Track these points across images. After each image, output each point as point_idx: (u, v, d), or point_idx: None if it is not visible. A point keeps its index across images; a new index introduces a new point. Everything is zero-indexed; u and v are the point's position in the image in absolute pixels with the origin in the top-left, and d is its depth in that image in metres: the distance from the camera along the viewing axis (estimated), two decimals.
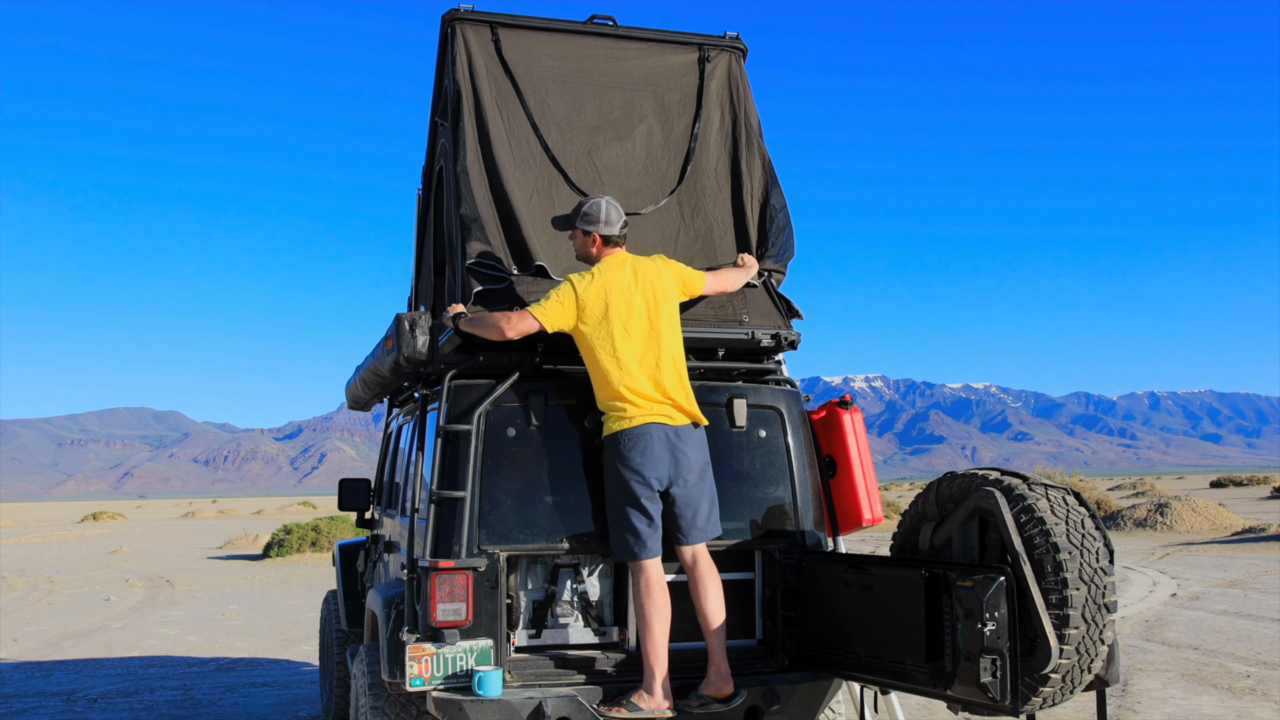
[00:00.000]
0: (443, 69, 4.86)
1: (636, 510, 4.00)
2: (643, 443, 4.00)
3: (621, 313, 4.07)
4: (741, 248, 4.69)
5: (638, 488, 4.00)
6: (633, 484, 3.99)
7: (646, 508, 4.00)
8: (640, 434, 4.01)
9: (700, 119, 4.82)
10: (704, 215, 4.73)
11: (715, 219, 4.73)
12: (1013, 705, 3.42)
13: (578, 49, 4.77)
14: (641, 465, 3.99)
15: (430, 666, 3.85)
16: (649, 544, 4.01)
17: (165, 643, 11.07)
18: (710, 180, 4.77)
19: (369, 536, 6.13)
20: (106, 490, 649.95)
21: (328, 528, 22.49)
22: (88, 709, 7.71)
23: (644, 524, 4.00)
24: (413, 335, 4.29)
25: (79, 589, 16.93)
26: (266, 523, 38.75)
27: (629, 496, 4.00)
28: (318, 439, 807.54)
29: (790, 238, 4.76)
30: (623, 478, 4.00)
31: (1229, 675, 7.89)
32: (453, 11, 4.66)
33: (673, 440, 4.06)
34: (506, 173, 4.49)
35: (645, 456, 4.00)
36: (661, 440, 4.04)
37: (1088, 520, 3.68)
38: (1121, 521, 23.53)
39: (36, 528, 42.95)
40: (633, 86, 4.79)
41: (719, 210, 4.76)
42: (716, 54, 4.94)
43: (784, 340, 4.54)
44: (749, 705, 4.02)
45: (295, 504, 73.98)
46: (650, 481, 4.01)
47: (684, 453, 4.08)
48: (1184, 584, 13.68)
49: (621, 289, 4.10)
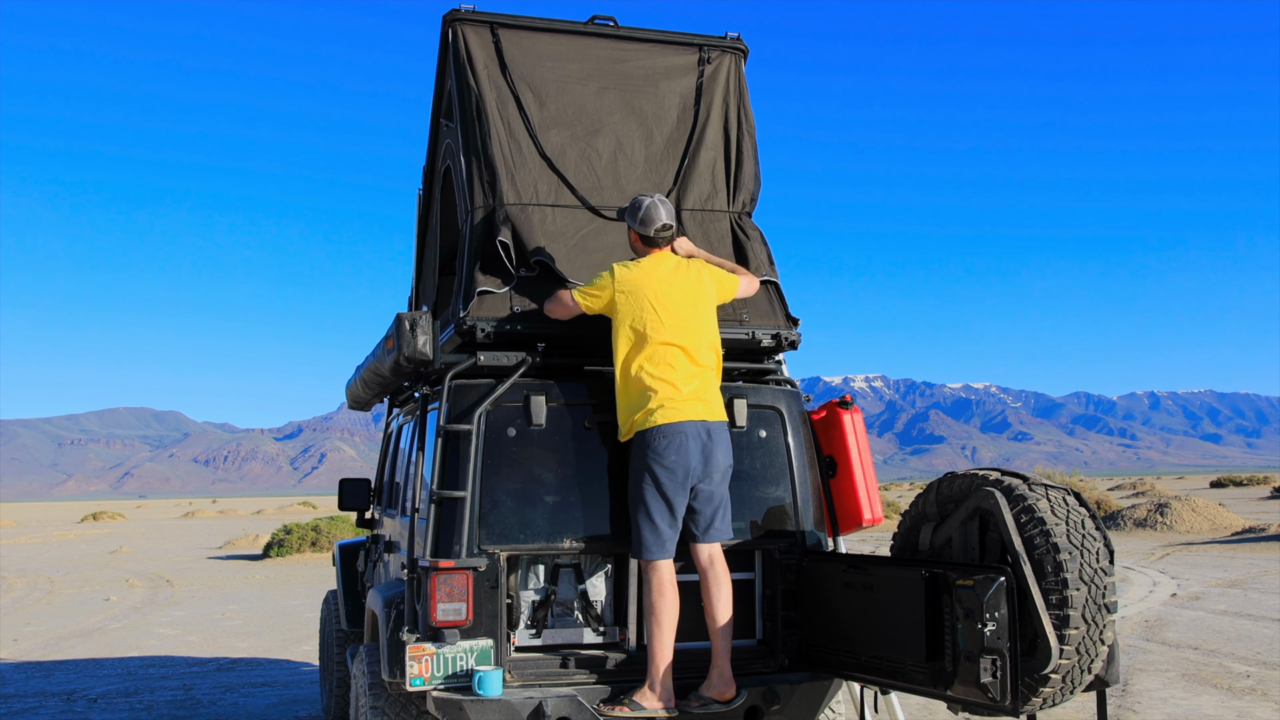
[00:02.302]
0: (444, 70, 4.86)
1: (666, 508, 3.99)
2: (679, 439, 4.00)
3: (661, 307, 4.09)
4: (737, 252, 4.69)
5: (670, 485, 3.99)
6: (665, 481, 3.98)
7: (675, 506, 4.01)
8: (677, 430, 4.01)
9: (700, 121, 4.81)
10: (700, 219, 4.72)
11: (713, 224, 4.72)
12: (1013, 705, 3.42)
13: (578, 50, 4.76)
14: (676, 463, 3.99)
15: (430, 666, 3.85)
16: (669, 543, 4.01)
17: (165, 643, 11.07)
18: (707, 184, 4.77)
19: (369, 536, 6.13)
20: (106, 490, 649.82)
21: (328, 528, 22.48)
22: (88, 709, 7.71)
23: (669, 523, 4.00)
24: (413, 335, 4.28)
25: (79, 589, 16.93)
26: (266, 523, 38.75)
27: (660, 494, 3.99)
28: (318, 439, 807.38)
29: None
30: (655, 474, 3.99)
31: (1229, 675, 7.89)
32: (453, 12, 4.65)
33: (704, 438, 4.07)
34: (506, 173, 4.49)
35: (681, 454, 4.00)
36: (696, 437, 4.04)
37: (1088, 520, 3.67)
38: (1121, 521, 23.53)
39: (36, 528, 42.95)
40: (633, 88, 4.78)
41: (716, 215, 4.74)
42: (717, 55, 4.92)
43: (784, 340, 4.55)
44: (749, 705, 4.02)
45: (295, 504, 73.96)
46: (682, 479, 4.01)
47: (713, 452, 4.09)
48: (1184, 584, 13.68)
49: (662, 285, 4.13)
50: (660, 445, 3.99)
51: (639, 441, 4.05)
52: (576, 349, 4.35)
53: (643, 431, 4.03)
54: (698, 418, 4.06)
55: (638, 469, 4.05)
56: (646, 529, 3.99)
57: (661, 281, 4.14)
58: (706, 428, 4.09)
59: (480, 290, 4.27)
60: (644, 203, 4.22)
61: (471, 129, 4.55)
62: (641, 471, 4.03)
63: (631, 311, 4.08)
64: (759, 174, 4.87)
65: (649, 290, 4.10)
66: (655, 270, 4.17)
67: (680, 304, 4.14)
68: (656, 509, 3.99)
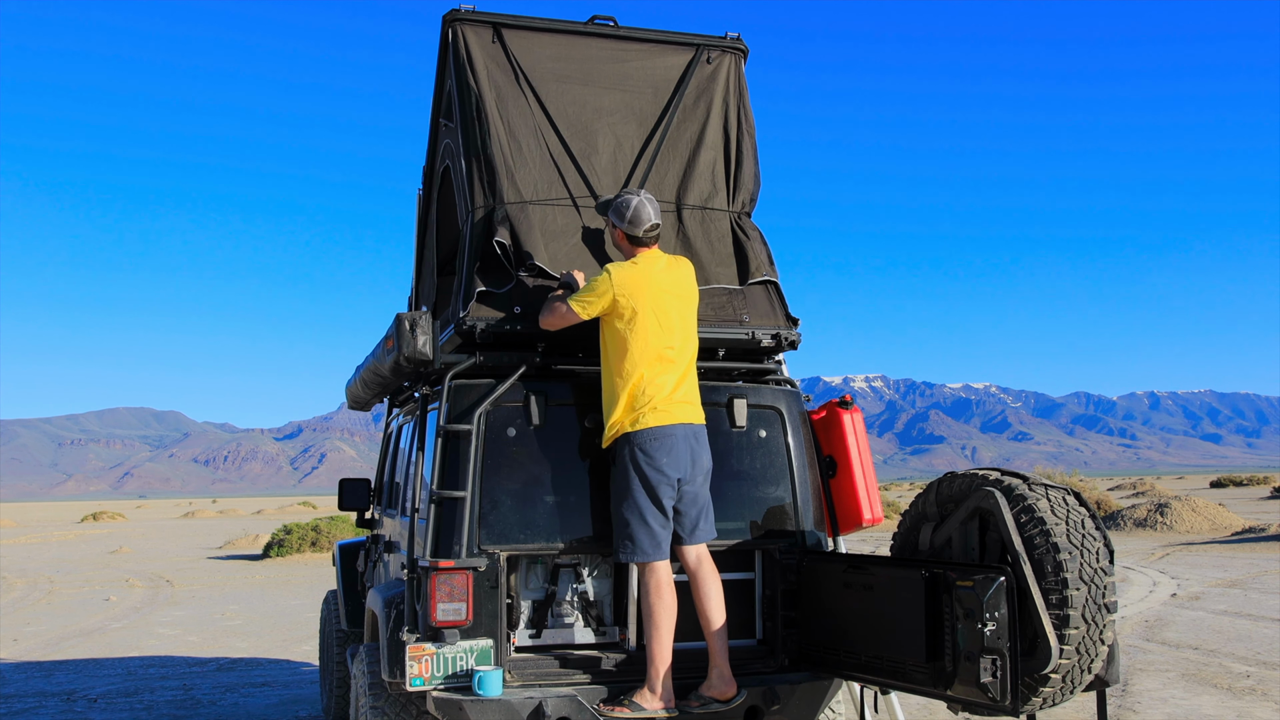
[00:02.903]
0: (444, 70, 4.85)
1: (657, 510, 3.99)
2: (669, 441, 4.01)
3: (656, 309, 4.08)
4: (737, 251, 4.68)
5: (661, 487, 3.99)
6: (656, 483, 3.98)
7: (666, 507, 4.01)
8: (667, 433, 4.01)
9: (700, 121, 4.80)
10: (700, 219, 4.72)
11: (713, 224, 4.72)
12: (1013, 705, 3.42)
13: (578, 50, 4.75)
14: (667, 465, 3.99)
15: (430, 666, 3.85)
16: (663, 544, 4.01)
17: (165, 643, 11.07)
18: (707, 183, 4.76)
19: (369, 536, 6.13)
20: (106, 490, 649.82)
21: (328, 528, 22.49)
22: (88, 709, 7.71)
23: (661, 524, 4.00)
24: (413, 335, 4.28)
25: (79, 589, 16.93)
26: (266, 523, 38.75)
27: (651, 496, 3.98)
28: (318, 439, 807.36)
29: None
30: (646, 476, 3.98)
31: (1229, 675, 7.89)
32: (453, 12, 4.64)
33: (691, 440, 4.08)
34: (506, 173, 4.49)
35: (671, 456, 4.00)
36: (684, 439, 4.05)
37: (1088, 520, 3.67)
38: (1121, 521, 23.53)
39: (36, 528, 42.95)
40: (633, 88, 4.77)
41: (716, 215, 4.74)
42: (717, 55, 4.91)
43: (784, 340, 4.54)
44: (749, 705, 4.02)
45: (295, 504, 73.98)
46: (673, 481, 4.01)
47: (699, 453, 4.10)
48: (1184, 584, 13.68)
49: (657, 285, 4.12)
50: (653, 448, 3.99)
51: (629, 444, 4.03)
52: (576, 349, 4.35)
53: (633, 433, 4.02)
54: (686, 420, 4.08)
55: (628, 472, 4.03)
56: (641, 531, 3.98)
57: (657, 283, 4.13)
58: (693, 430, 4.10)
59: (480, 291, 4.27)
60: (632, 202, 4.18)
61: (471, 129, 4.55)
62: (633, 474, 4.01)
63: (627, 313, 4.06)
64: (759, 174, 4.86)
65: (646, 292, 4.09)
66: (650, 271, 4.15)
67: (673, 305, 4.13)
68: (650, 511, 3.98)
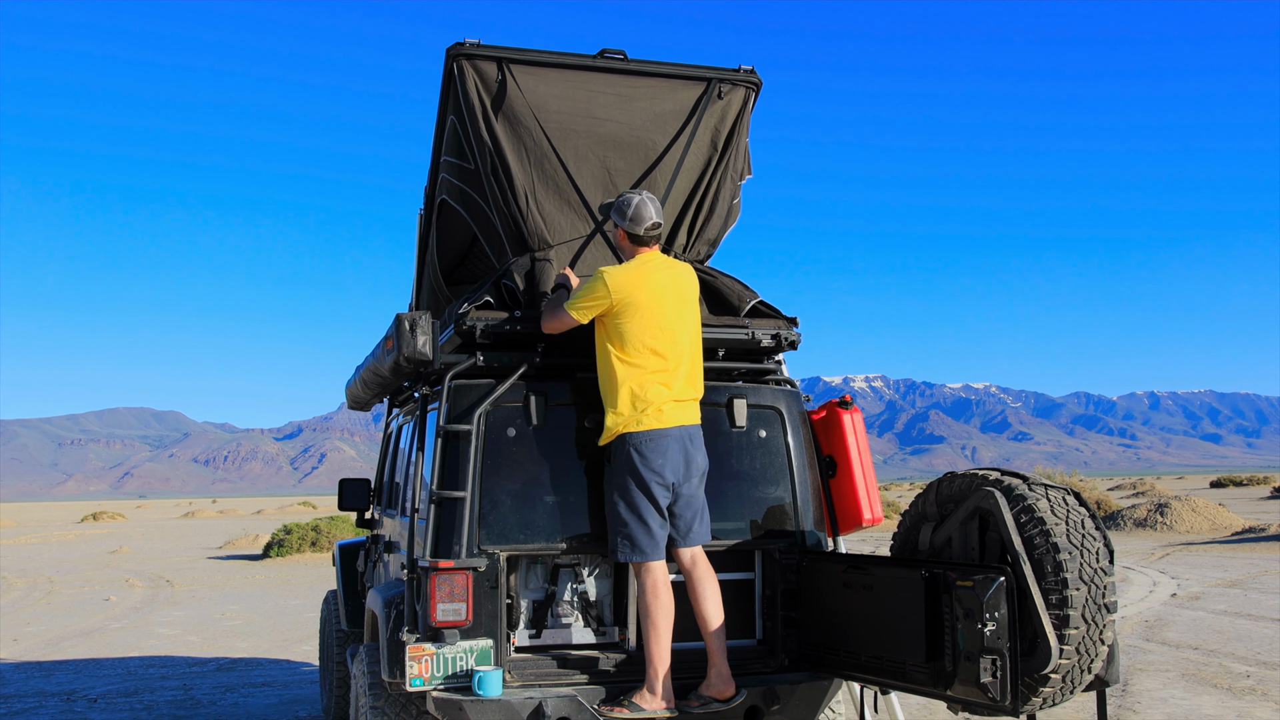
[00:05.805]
0: (446, 103, 4.66)
1: (653, 511, 3.99)
2: (664, 444, 4.01)
3: (653, 309, 4.07)
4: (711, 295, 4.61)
5: (657, 489, 3.99)
6: (653, 485, 3.99)
7: (661, 509, 4.01)
8: (663, 435, 4.01)
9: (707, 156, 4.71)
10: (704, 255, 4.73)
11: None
12: (1013, 705, 3.42)
13: (587, 85, 4.59)
14: (663, 467, 4.00)
15: (430, 666, 3.85)
16: (659, 545, 4.01)
17: (165, 643, 11.08)
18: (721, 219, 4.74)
19: (369, 536, 6.13)
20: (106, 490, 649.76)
21: (328, 528, 22.49)
22: (88, 709, 7.71)
23: (657, 525, 4.00)
24: (413, 335, 4.28)
25: (79, 589, 16.93)
26: (266, 523, 38.75)
27: (647, 498, 3.99)
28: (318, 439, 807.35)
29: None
30: (643, 478, 3.99)
31: (1229, 675, 7.89)
32: (457, 46, 4.43)
33: (686, 442, 4.08)
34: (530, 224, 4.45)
35: (666, 458, 4.01)
36: (679, 442, 4.05)
37: (1088, 520, 3.68)
38: (1121, 521, 23.53)
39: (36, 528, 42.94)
40: (642, 124, 4.64)
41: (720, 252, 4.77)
42: (729, 90, 4.74)
43: (784, 340, 4.54)
44: (749, 705, 4.02)
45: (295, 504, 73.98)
46: (669, 483, 4.02)
47: (693, 455, 4.11)
48: (1184, 584, 13.68)
49: (654, 285, 4.11)
50: (649, 449, 4.00)
51: (625, 443, 4.04)
52: (576, 350, 4.35)
53: (629, 435, 4.03)
54: (683, 422, 4.08)
55: (624, 473, 4.03)
56: (639, 531, 3.98)
57: (655, 283, 4.12)
58: (688, 432, 4.10)
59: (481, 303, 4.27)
60: (634, 200, 4.17)
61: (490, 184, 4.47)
62: (630, 476, 4.02)
63: (624, 315, 4.06)
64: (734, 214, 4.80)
65: (644, 293, 4.08)
66: (648, 271, 4.13)
67: (672, 306, 4.13)
68: (648, 511, 3.99)
